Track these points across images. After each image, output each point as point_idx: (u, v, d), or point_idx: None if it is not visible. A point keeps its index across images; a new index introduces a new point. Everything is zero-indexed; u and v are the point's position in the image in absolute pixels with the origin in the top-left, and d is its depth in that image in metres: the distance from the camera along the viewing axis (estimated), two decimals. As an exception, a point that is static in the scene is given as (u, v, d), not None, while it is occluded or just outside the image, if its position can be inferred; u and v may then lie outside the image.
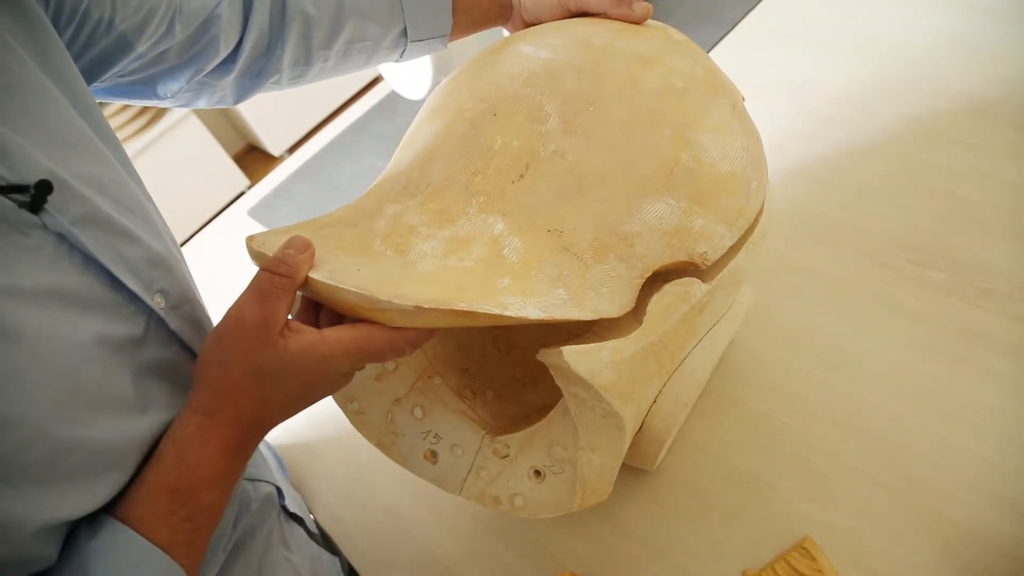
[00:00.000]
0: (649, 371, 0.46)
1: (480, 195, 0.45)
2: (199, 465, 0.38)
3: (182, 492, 0.37)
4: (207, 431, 0.38)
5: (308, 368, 0.39)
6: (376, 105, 1.27)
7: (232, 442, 0.39)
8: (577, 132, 0.45)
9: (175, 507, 0.37)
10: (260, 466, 0.60)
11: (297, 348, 0.38)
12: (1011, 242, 0.61)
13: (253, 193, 1.22)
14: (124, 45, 0.50)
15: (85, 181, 0.40)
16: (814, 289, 0.65)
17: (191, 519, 0.38)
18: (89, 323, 0.38)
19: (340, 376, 0.42)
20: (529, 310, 0.39)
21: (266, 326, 0.38)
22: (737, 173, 0.46)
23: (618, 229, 0.43)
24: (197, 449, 0.38)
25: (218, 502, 0.40)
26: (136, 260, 0.42)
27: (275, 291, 0.38)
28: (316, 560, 0.62)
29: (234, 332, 0.38)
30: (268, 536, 0.57)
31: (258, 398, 0.39)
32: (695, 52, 0.51)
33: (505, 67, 0.49)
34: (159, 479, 0.38)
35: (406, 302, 0.37)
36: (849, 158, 0.74)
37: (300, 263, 0.39)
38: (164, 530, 0.37)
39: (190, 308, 0.47)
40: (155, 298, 0.43)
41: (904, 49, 0.82)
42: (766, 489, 0.55)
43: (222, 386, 0.39)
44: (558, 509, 0.51)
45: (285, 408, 0.41)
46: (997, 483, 0.50)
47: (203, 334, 0.48)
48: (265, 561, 0.56)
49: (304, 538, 0.62)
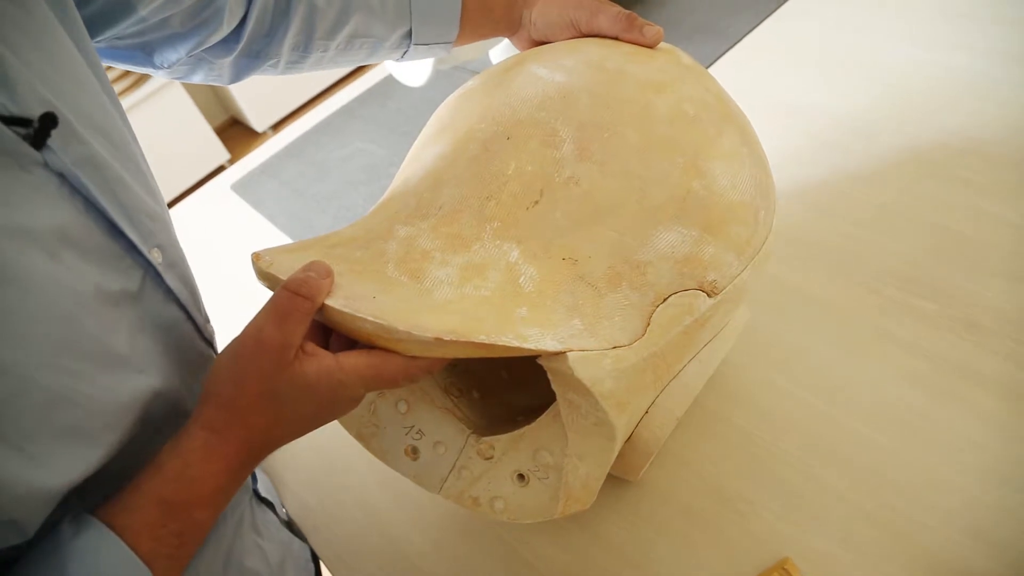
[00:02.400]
0: (646, 382, 0.45)
1: (494, 220, 0.44)
2: (199, 481, 0.37)
3: (176, 506, 0.36)
4: (214, 448, 0.37)
5: (322, 392, 0.38)
6: (370, 89, 1.24)
7: (236, 462, 0.38)
8: (591, 159, 0.44)
9: (166, 520, 0.36)
10: None
11: (313, 372, 0.38)
12: (1001, 279, 0.62)
13: (237, 168, 1.19)
14: (126, 5, 0.48)
15: (87, 123, 0.39)
16: (806, 312, 0.65)
17: (180, 534, 0.36)
18: (88, 270, 0.37)
19: (351, 401, 0.41)
20: (547, 342, 0.39)
21: (284, 349, 0.37)
22: (746, 202, 0.46)
23: (631, 258, 0.43)
24: (201, 465, 0.37)
25: (209, 520, 0.38)
26: (135, 211, 0.41)
27: (296, 313, 0.38)
28: (286, 547, 0.61)
29: (252, 352, 0.38)
30: (239, 521, 0.56)
31: (270, 420, 0.38)
32: (705, 77, 0.50)
33: (518, 89, 0.48)
34: (154, 489, 0.36)
35: (426, 334, 0.36)
36: (848, 184, 0.74)
37: (321, 288, 0.39)
38: (149, 541, 0.35)
39: (182, 269, 0.46)
40: (152, 252, 0.42)
41: (909, 80, 0.82)
42: (747, 508, 0.54)
43: (235, 405, 0.38)
44: (539, 515, 0.50)
45: (294, 430, 0.40)
46: (976, 517, 0.50)
47: (196, 297, 0.47)
48: (235, 546, 0.54)
49: (275, 524, 0.61)
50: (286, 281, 0.39)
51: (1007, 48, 0.81)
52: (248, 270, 0.94)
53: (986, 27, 0.85)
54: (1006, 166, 0.69)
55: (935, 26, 0.88)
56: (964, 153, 0.72)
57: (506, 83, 0.49)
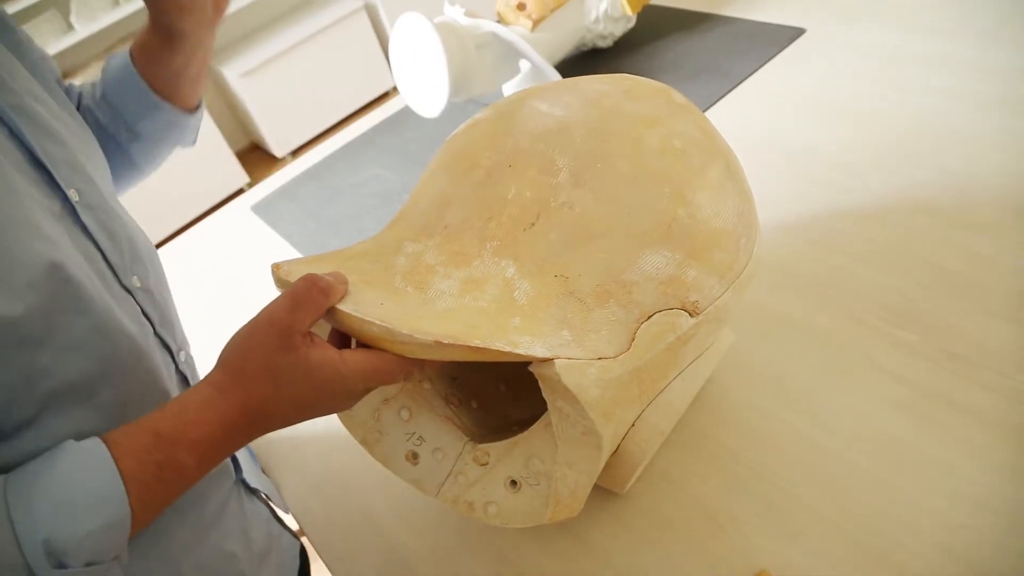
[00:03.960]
0: (631, 395, 0.48)
1: (494, 240, 0.48)
2: (192, 424, 0.41)
3: (165, 439, 0.40)
4: (213, 401, 0.41)
5: (321, 379, 0.42)
6: (387, 119, 1.30)
7: (229, 420, 0.42)
8: (585, 186, 0.48)
9: (153, 449, 0.40)
10: None
11: (315, 359, 0.42)
12: (983, 313, 0.64)
13: (257, 190, 1.24)
14: None
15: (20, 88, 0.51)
16: (793, 339, 0.68)
17: (161, 467, 0.40)
18: (23, 179, 0.45)
19: (349, 396, 0.44)
20: (537, 349, 0.42)
21: (291, 331, 0.42)
22: (729, 230, 0.50)
23: (619, 277, 0.47)
24: (197, 411, 0.41)
25: (191, 471, 0.41)
26: (57, 158, 0.50)
27: (308, 302, 0.42)
28: (275, 540, 0.64)
29: (263, 329, 0.42)
30: (223, 505, 0.59)
31: (269, 393, 0.42)
32: (695, 115, 0.54)
33: (521, 121, 0.53)
34: (152, 422, 0.41)
35: (426, 337, 0.40)
36: (839, 220, 0.77)
37: (336, 289, 0.44)
38: (132, 462, 0.39)
39: (105, 216, 0.53)
40: (70, 191, 0.50)
41: (904, 122, 0.86)
42: (728, 522, 0.57)
43: (240, 372, 0.42)
44: (529, 520, 0.53)
45: (288, 412, 0.43)
46: (950, 538, 0.52)
47: (116, 240, 0.53)
48: (215, 527, 0.57)
49: (266, 516, 0.64)
50: (306, 275, 0.43)
51: (998, 95, 0.85)
52: (264, 285, 0.98)
53: (979, 75, 0.89)
54: (993, 205, 0.73)
55: (930, 72, 0.92)
56: (953, 192, 0.76)
57: (510, 116, 0.53)
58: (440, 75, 1.02)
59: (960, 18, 0.99)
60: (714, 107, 1.01)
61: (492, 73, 1.10)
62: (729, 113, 0.99)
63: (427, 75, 1.05)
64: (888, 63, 0.96)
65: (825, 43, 1.05)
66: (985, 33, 0.95)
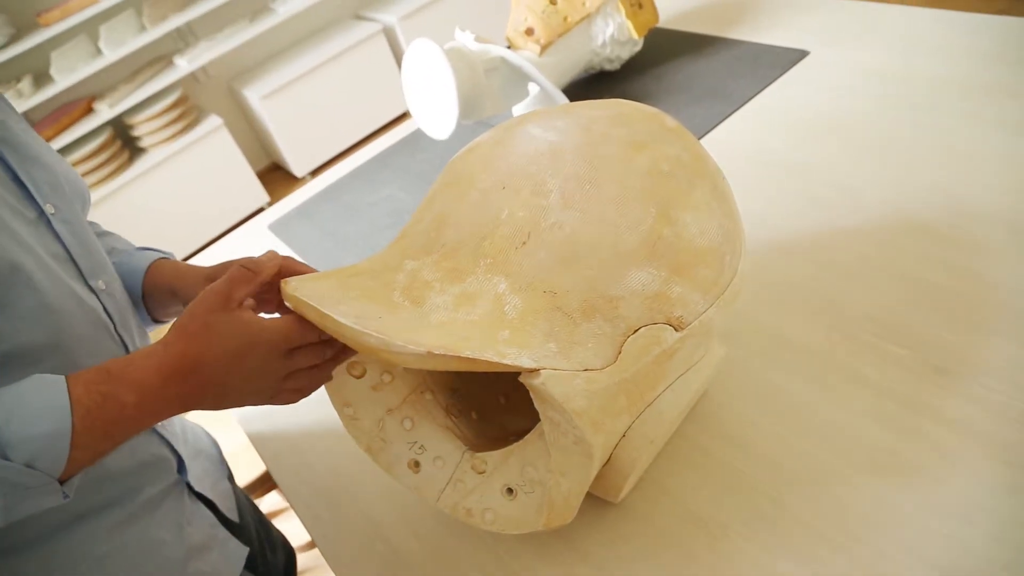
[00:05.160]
0: (619, 406, 0.51)
1: (487, 257, 0.51)
2: (136, 367, 0.48)
3: (112, 375, 0.48)
4: (157, 352, 0.49)
5: (248, 334, 0.50)
6: (401, 140, 1.34)
7: (167, 367, 0.49)
8: (574, 207, 0.51)
9: (99, 381, 0.47)
10: (169, 432, 0.68)
11: (246, 317, 0.51)
12: (969, 328, 0.66)
13: (275, 209, 1.28)
14: None
15: (14, 127, 0.59)
16: (786, 354, 0.70)
17: (104, 396, 0.47)
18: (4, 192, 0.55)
19: (271, 353, 0.51)
20: (523, 360, 0.45)
21: (227, 297, 0.51)
22: (714, 248, 0.52)
23: (605, 293, 0.49)
24: (143, 358, 0.49)
25: (130, 408, 0.47)
26: (39, 179, 0.58)
27: (241, 280, 0.53)
28: (220, 543, 0.69)
29: (206, 295, 0.52)
30: (159, 499, 0.64)
31: (203, 344, 0.50)
32: (684, 138, 0.57)
33: (516, 145, 0.56)
34: (105, 363, 0.49)
35: (419, 348, 0.44)
36: (831, 237, 0.79)
37: (265, 266, 0.55)
38: (81, 389, 0.46)
39: (78, 228, 0.61)
40: (47, 205, 0.58)
41: (902, 142, 0.88)
42: (719, 531, 0.59)
43: (183, 329, 0.51)
44: (524, 526, 0.55)
45: (218, 368, 0.50)
46: (932, 548, 0.54)
47: (85, 247, 0.61)
48: (148, 517, 0.63)
49: (211, 521, 0.69)
50: (242, 259, 0.54)
51: (996, 115, 0.87)
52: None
53: (979, 96, 0.91)
54: (986, 223, 0.74)
55: (929, 93, 0.94)
56: (946, 210, 0.77)
57: (506, 140, 0.57)
58: (450, 99, 1.05)
59: (961, 41, 1.01)
60: (717, 128, 1.04)
61: (501, 96, 1.13)
62: (731, 133, 1.02)
63: (438, 99, 1.09)
64: (888, 85, 0.98)
65: (827, 65, 1.08)
66: (985, 56, 0.97)
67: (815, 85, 1.04)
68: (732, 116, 1.05)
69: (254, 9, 3.05)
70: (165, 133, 2.75)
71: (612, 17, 1.16)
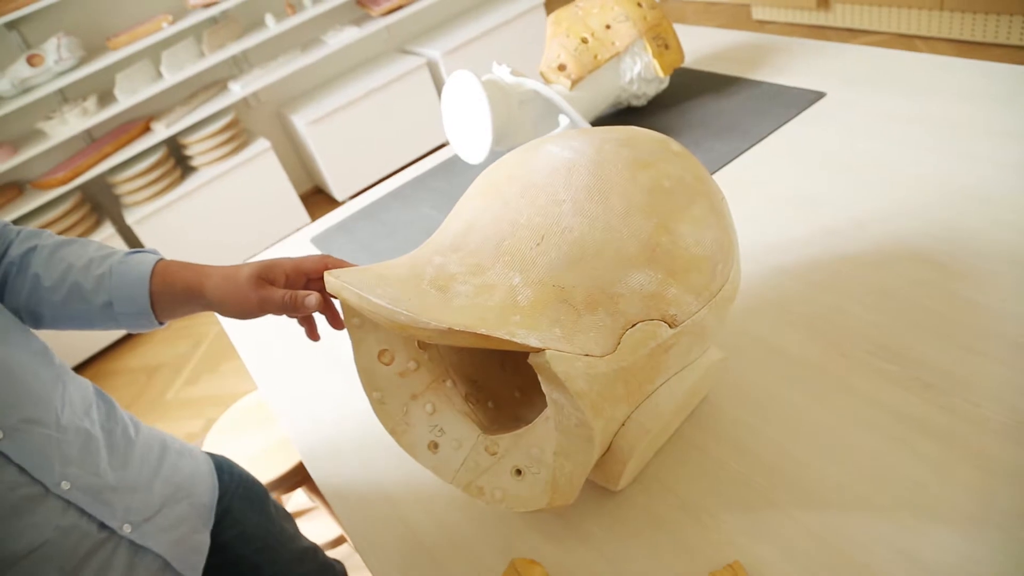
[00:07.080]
0: (617, 393, 0.56)
1: (506, 255, 0.58)
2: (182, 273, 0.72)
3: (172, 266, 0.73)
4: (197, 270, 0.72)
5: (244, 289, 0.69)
6: (437, 165, 1.42)
7: (195, 282, 0.71)
8: (584, 215, 0.58)
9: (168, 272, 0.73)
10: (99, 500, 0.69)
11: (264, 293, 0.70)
12: (958, 349, 0.70)
13: (316, 224, 1.37)
14: None
15: None
16: (784, 367, 0.75)
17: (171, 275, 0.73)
18: None
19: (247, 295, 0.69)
20: (531, 339, 0.52)
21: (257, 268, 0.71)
22: (707, 256, 0.58)
23: (608, 290, 0.56)
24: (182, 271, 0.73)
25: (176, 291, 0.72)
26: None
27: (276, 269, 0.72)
28: None
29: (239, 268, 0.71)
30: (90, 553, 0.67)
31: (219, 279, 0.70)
32: (688, 161, 0.64)
33: (535, 161, 0.63)
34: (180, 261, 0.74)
35: (442, 324, 0.51)
36: (835, 263, 0.85)
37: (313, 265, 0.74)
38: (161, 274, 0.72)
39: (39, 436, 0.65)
40: None
41: (912, 180, 0.93)
42: (709, 520, 0.64)
43: (221, 271, 0.71)
44: (531, 505, 0.61)
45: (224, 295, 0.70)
46: (911, 543, 0.58)
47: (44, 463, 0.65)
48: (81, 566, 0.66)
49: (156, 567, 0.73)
50: None
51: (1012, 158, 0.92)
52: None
53: (994, 139, 0.96)
54: (980, 256, 0.79)
55: (944, 135, 0.99)
56: (943, 243, 0.82)
57: (528, 157, 0.64)
58: (485, 127, 1.14)
59: (976, 86, 1.07)
60: (734, 161, 1.10)
61: (532, 126, 1.21)
62: (747, 167, 1.08)
63: (474, 126, 1.17)
64: (903, 126, 1.04)
65: (842, 106, 1.14)
66: (995, 100, 1.02)
67: (829, 124, 1.10)
68: (749, 151, 1.12)
69: (306, 40, 3.21)
70: (216, 153, 2.91)
71: (640, 56, 1.23)
